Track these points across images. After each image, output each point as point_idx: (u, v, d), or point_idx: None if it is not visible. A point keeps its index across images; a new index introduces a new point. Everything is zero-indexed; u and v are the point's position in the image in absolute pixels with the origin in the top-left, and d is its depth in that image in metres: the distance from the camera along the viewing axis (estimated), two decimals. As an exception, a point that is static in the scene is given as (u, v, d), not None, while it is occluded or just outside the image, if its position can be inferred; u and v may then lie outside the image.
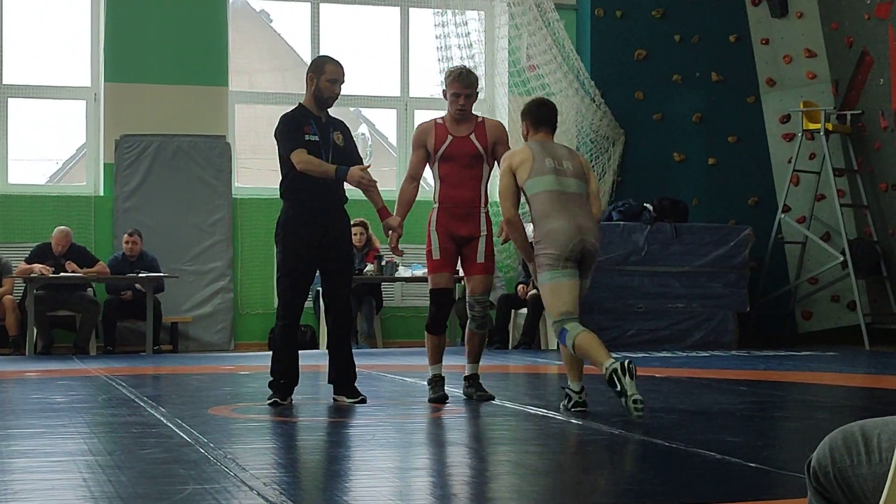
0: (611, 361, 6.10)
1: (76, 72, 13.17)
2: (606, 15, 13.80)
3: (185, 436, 5.57)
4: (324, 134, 6.96)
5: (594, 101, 13.54)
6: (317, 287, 8.02)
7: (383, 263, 12.32)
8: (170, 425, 5.95)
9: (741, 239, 13.10)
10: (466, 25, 13.31)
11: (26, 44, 13.37)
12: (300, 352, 7.14)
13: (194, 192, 12.81)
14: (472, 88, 7.08)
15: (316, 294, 11.58)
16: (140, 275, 11.90)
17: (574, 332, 6.29)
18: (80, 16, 13.06)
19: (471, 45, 13.23)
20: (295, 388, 7.02)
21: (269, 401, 6.91)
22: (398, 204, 7.29)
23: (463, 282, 7.97)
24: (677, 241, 12.96)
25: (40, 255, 11.90)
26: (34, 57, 13.45)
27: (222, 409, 6.77)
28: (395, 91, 13.92)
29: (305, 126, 6.93)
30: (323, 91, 6.97)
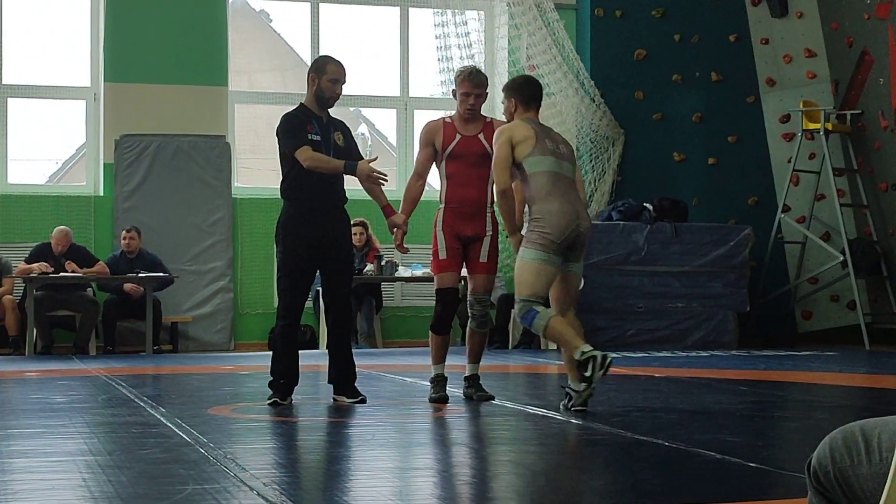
0: (590, 347, 6.29)
1: (76, 72, 13.17)
2: (606, 15, 13.79)
3: (185, 436, 5.57)
4: (325, 134, 6.96)
5: (594, 101, 13.54)
6: (317, 287, 8.01)
7: (383, 263, 12.32)
8: (170, 425, 5.95)
9: (741, 239, 13.10)
10: (466, 25, 13.31)
11: (26, 44, 13.37)
12: (300, 352, 7.14)
13: (194, 192, 12.81)
14: (482, 88, 7.10)
15: (316, 294, 11.58)
16: (140, 274, 11.90)
17: (547, 314, 6.40)
18: (80, 16, 13.05)
19: (470, 45, 13.23)
20: (295, 388, 7.02)
21: (269, 401, 6.91)
22: (404, 201, 7.28)
23: (463, 281, 7.95)
24: (677, 241, 12.96)
25: (40, 255, 11.89)
26: (34, 57, 13.45)
27: (222, 409, 6.77)
28: (395, 91, 13.91)
29: (307, 125, 6.93)
30: (325, 91, 6.97)
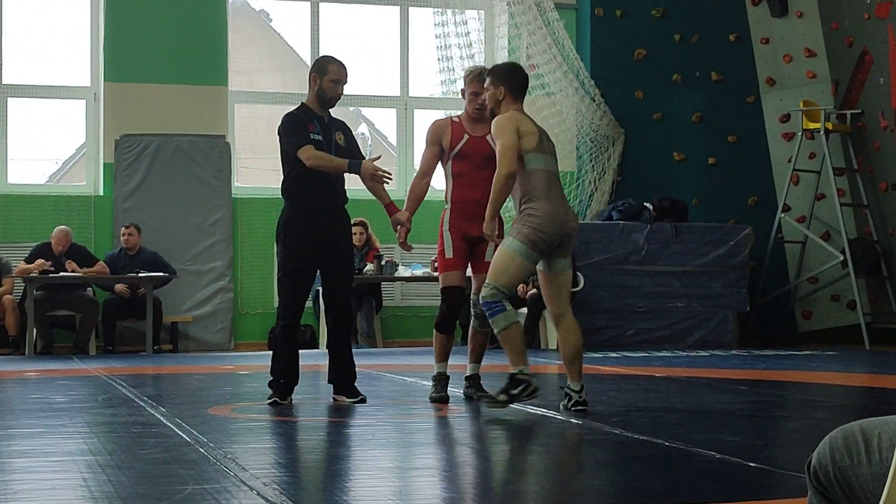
0: (529, 372, 6.40)
1: (76, 71, 13.17)
2: (606, 14, 13.79)
3: (185, 436, 5.57)
4: (326, 134, 6.95)
5: (594, 101, 13.54)
6: (317, 287, 8.01)
7: (383, 263, 12.32)
8: (170, 425, 5.95)
9: (741, 238, 13.11)
10: (466, 25, 13.30)
11: (26, 43, 13.37)
12: (300, 351, 7.14)
13: (194, 192, 12.81)
14: None
15: (316, 294, 11.58)
16: (140, 274, 11.90)
17: (513, 318, 6.41)
18: (80, 15, 13.05)
19: (470, 45, 13.22)
20: (295, 388, 7.02)
21: (269, 400, 6.91)
22: (408, 199, 7.26)
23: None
24: (677, 241, 12.96)
25: (40, 255, 11.88)
26: (34, 57, 13.45)
27: (222, 409, 6.77)
28: (395, 91, 13.91)
29: (309, 125, 6.92)
30: (326, 91, 6.96)
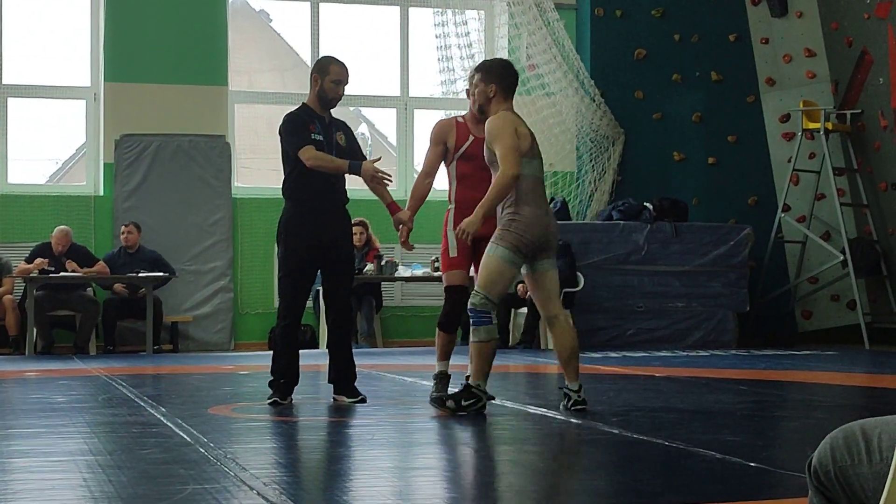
0: (484, 390, 6.43)
1: (76, 71, 13.17)
2: (606, 14, 13.79)
3: (185, 436, 5.57)
4: (327, 134, 6.96)
5: (594, 101, 13.54)
6: (317, 287, 8.00)
7: (383, 263, 12.32)
8: (170, 425, 5.95)
9: (741, 238, 13.11)
10: (466, 25, 13.30)
11: (26, 43, 13.37)
12: (300, 351, 7.13)
13: (194, 192, 12.81)
14: None
15: (316, 294, 11.58)
16: (140, 274, 11.90)
17: (493, 334, 6.42)
18: (80, 15, 13.05)
19: (470, 45, 13.22)
20: (295, 388, 7.03)
21: (269, 400, 6.91)
22: (411, 198, 7.24)
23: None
24: (677, 241, 12.96)
25: (40, 255, 11.89)
26: (34, 57, 13.45)
27: (222, 409, 6.77)
28: (395, 91, 13.91)
29: (310, 125, 6.92)
30: (327, 92, 6.96)
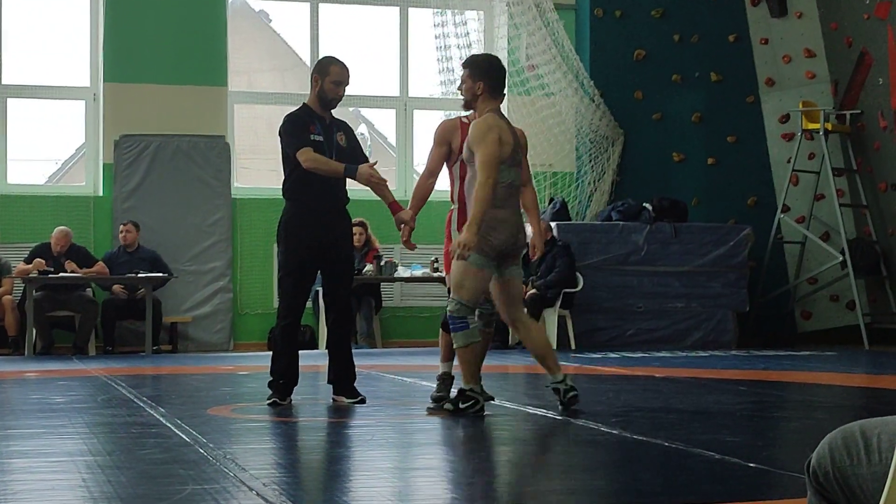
0: (475, 395, 6.41)
1: (75, 72, 13.17)
2: (606, 15, 13.79)
3: (185, 436, 5.56)
4: (327, 134, 6.95)
5: (594, 101, 13.54)
6: (317, 287, 7.99)
7: (382, 263, 12.32)
8: (169, 426, 5.95)
9: (741, 239, 13.11)
10: (466, 25, 13.30)
11: (25, 44, 13.37)
12: (300, 352, 7.13)
13: (193, 192, 12.81)
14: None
15: (316, 294, 11.58)
16: (139, 275, 11.90)
17: (472, 338, 6.40)
18: (80, 15, 13.05)
19: (470, 45, 13.22)
20: (294, 388, 7.02)
21: (269, 401, 6.91)
22: (413, 198, 7.22)
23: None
24: (677, 241, 12.97)
25: (40, 256, 11.88)
26: (33, 57, 13.45)
27: (222, 409, 6.77)
28: (395, 91, 13.91)
29: (310, 126, 6.92)
30: (327, 93, 6.96)
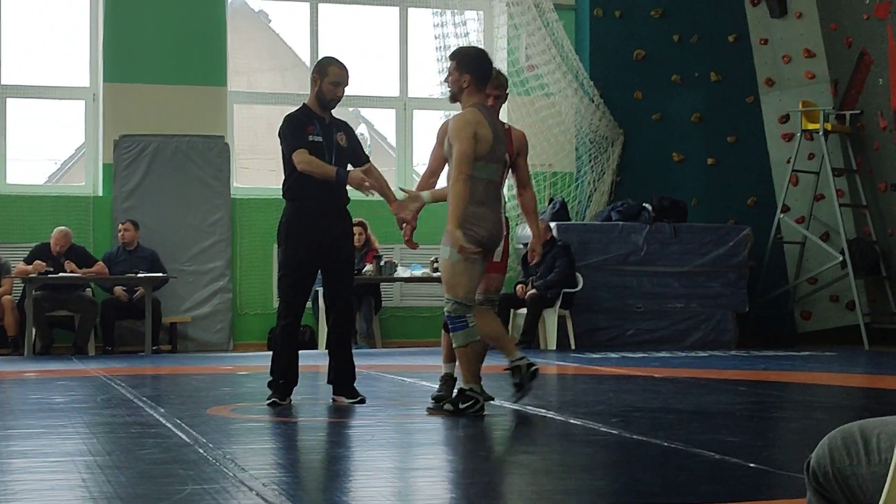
0: (478, 388, 6.40)
1: (75, 72, 13.17)
2: (605, 15, 13.79)
3: (184, 436, 5.56)
4: (327, 135, 6.95)
5: (593, 101, 13.54)
6: (317, 287, 7.99)
7: (382, 263, 12.32)
8: (169, 426, 5.95)
9: (740, 239, 13.11)
10: (465, 25, 13.30)
11: (25, 44, 13.37)
12: (300, 352, 7.13)
13: (193, 193, 12.80)
14: (503, 90, 7.00)
15: (315, 294, 11.57)
16: (139, 275, 11.90)
17: (471, 337, 6.39)
18: (79, 16, 13.05)
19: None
20: (294, 389, 7.02)
21: (269, 401, 6.91)
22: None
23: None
24: (676, 241, 12.97)
25: (39, 256, 11.88)
26: (33, 57, 13.44)
27: (221, 410, 6.77)
28: (394, 91, 13.91)
29: (309, 126, 6.92)
30: (325, 93, 6.96)
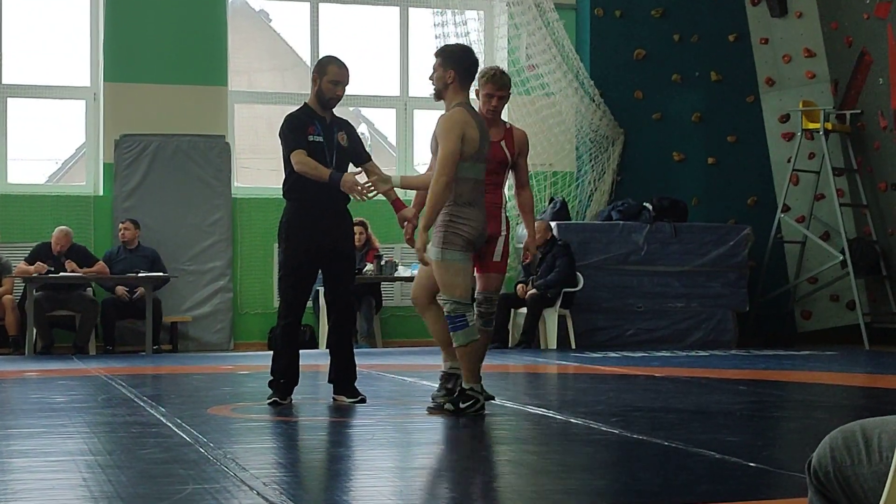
0: (479, 387, 6.40)
1: (76, 71, 13.17)
2: (606, 14, 13.79)
3: (185, 436, 5.57)
4: (328, 134, 6.95)
5: (594, 101, 13.54)
6: (317, 287, 7.99)
7: (383, 263, 12.32)
8: (169, 425, 5.95)
9: (740, 238, 13.11)
10: (466, 25, 13.30)
11: (26, 43, 13.37)
12: (300, 351, 7.13)
13: (194, 192, 12.81)
14: (506, 90, 7.02)
15: (316, 294, 11.57)
16: (140, 275, 11.90)
17: (472, 336, 6.41)
18: (80, 15, 13.05)
19: (470, 45, 13.21)
20: (295, 388, 7.02)
21: (269, 400, 6.91)
22: (417, 195, 7.22)
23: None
24: (677, 241, 12.97)
25: (40, 255, 11.89)
26: (34, 56, 13.45)
27: (222, 409, 6.77)
28: (395, 91, 13.91)
29: (309, 126, 6.92)
30: (325, 92, 6.96)
